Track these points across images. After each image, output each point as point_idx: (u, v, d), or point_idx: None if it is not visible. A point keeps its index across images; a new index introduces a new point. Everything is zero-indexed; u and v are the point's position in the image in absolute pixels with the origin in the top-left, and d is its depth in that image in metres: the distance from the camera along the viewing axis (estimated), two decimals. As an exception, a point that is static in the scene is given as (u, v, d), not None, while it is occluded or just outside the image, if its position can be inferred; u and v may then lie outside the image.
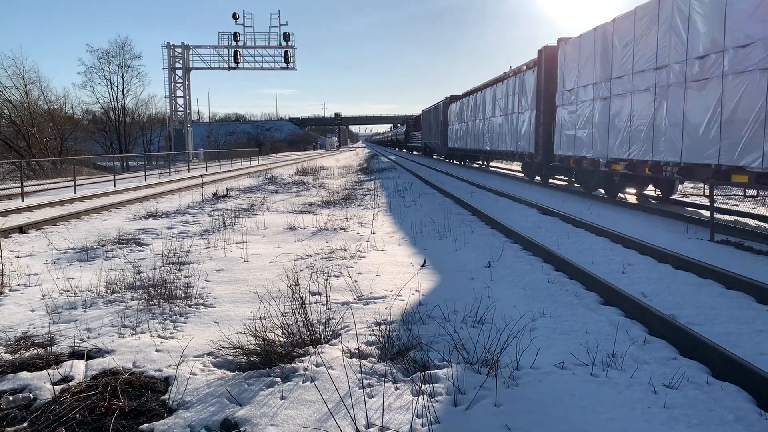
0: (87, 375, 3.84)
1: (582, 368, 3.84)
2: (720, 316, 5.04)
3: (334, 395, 3.44)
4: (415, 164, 37.72)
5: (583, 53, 15.01)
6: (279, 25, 44.93)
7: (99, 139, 58.20)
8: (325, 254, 7.94)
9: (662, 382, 3.60)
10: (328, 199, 15.57)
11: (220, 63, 46.21)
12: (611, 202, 14.15)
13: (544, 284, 6.13)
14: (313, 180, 23.69)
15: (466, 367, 3.83)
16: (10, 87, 46.03)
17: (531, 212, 12.34)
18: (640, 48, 11.98)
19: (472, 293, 5.70)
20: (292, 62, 46.07)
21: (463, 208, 13.06)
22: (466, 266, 7.05)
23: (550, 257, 7.22)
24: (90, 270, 7.04)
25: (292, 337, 4.31)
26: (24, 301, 5.65)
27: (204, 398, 3.49)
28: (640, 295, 5.54)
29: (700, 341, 4.01)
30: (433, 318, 4.94)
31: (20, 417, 3.29)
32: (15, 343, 4.44)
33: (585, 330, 4.61)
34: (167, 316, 5.14)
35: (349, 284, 6.12)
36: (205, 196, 16.57)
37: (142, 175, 27.53)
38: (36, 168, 36.01)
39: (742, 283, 5.78)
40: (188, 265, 7.22)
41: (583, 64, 14.97)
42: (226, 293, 5.92)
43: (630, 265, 7.06)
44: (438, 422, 3.14)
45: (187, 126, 47.53)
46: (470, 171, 29.42)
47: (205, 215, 12.52)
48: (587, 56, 14.70)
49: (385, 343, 4.26)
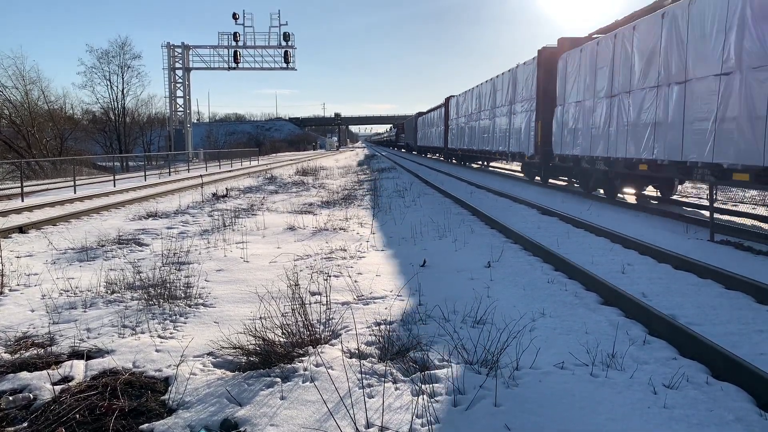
0: (87, 375, 3.84)
1: (582, 368, 3.85)
2: (720, 316, 5.04)
3: (334, 395, 3.44)
4: (415, 164, 37.73)
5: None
6: (279, 25, 44.95)
7: (99, 139, 58.18)
8: (324, 254, 7.94)
9: (662, 382, 3.60)
10: (327, 199, 15.57)
11: (220, 63, 46.22)
12: (611, 203, 14.14)
13: (544, 284, 6.14)
14: (313, 180, 23.69)
15: (466, 367, 3.83)
16: (10, 87, 46.07)
17: (531, 212, 12.34)
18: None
19: (471, 293, 5.70)
20: (292, 62, 46.08)
21: (463, 208, 13.06)
22: (466, 266, 7.05)
23: (549, 257, 7.22)
24: (90, 270, 7.04)
25: (292, 337, 4.31)
26: (24, 301, 5.65)
27: (204, 398, 3.49)
28: (640, 295, 5.54)
29: (700, 341, 4.01)
30: (433, 318, 4.94)
31: (20, 417, 3.29)
32: (15, 343, 4.44)
33: (585, 330, 4.61)
34: (167, 316, 5.14)
35: (349, 284, 6.12)
36: (204, 196, 16.57)
37: (142, 175, 27.53)
38: (36, 168, 36.00)
39: (742, 283, 5.78)
40: (188, 265, 7.22)
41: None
42: (226, 293, 5.92)
43: (630, 265, 7.06)
44: (438, 422, 3.14)
45: (187, 126, 47.52)
46: (469, 172, 29.42)
47: (204, 215, 12.52)
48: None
49: (385, 343, 4.26)
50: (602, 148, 13.98)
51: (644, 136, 11.92)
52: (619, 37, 13.20)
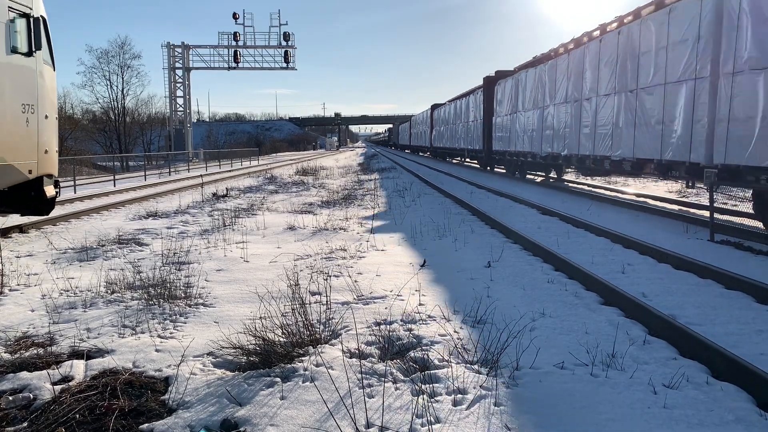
0: (87, 375, 3.84)
1: (582, 368, 3.85)
2: (720, 316, 5.04)
3: (334, 395, 3.44)
4: (415, 164, 37.75)
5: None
6: (279, 25, 44.96)
7: (99, 139, 58.20)
8: (325, 254, 7.94)
9: (662, 382, 3.60)
10: (327, 199, 15.57)
11: (220, 63, 46.24)
12: (610, 203, 14.22)
13: (544, 284, 6.14)
14: (313, 180, 23.69)
15: (466, 367, 3.83)
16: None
17: (532, 212, 12.35)
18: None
19: (472, 293, 5.70)
20: (292, 62, 46.09)
21: (463, 208, 13.06)
22: (466, 266, 7.05)
23: (549, 257, 7.22)
24: (90, 270, 7.04)
25: (292, 337, 4.31)
26: (24, 301, 5.65)
27: (204, 398, 3.49)
28: (640, 295, 5.54)
29: (700, 341, 4.01)
30: (433, 318, 4.94)
31: (20, 417, 3.29)
32: (15, 343, 4.44)
33: (585, 330, 4.61)
34: (167, 316, 5.14)
35: (349, 284, 6.12)
36: (205, 196, 16.57)
37: (142, 175, 27.53)
38: (36, 168, 35.86)
39: (742, 283, 5.77)
40: (188, 265, 7.22)
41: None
42: (226, 293, 5.92)
43: (630, 265, 7.06)
44: (438, 422, 3.14)
45: (187, 126, 47.53)
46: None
47: (205, 215, 12.52)
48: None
49: (385, 343, 4.26)
50: (512, 146, 23.07)
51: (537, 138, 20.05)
52: (522, 76, 21.99)
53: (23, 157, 8.17)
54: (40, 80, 8.45)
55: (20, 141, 8.04)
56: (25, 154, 8.19)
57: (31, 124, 8.26)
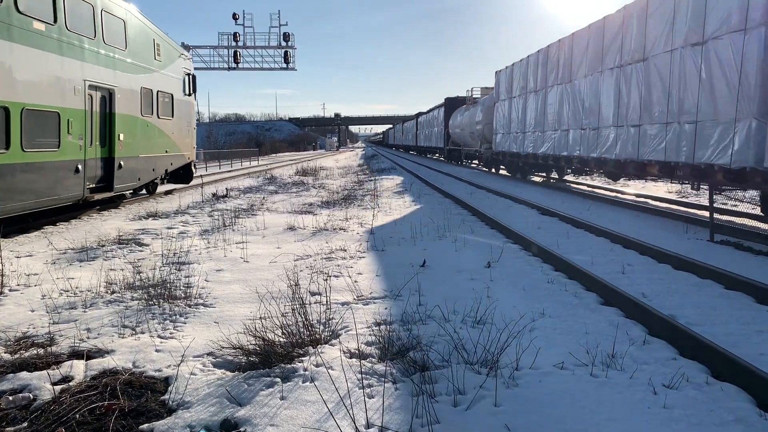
0: (87, 375, 3.84)
1: (582, 368, 3.85)
2: (720, 316, 5.05)
3: (333, 395, 3.44)
4: (415, 164, 37.80)
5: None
6: (279, 26, 44.88)
7: (99, 139, 58.06)
8: (324, 254, 7.94)
9: (662, 383, 3.60)
10: (327, 199, 15.57)
11: (220, 63, 46.16)
12: (610, 203, 14.21)
13: (544, 284, 6.14)
14: (313, 180, 23.69)
15: (466, 367, 3.83)
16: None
17: (531, 212, 12.35)
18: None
19: (471, 293, 5.70)
20: (292, 62, 46.01)
21: (463, 208, 13.06)
22: (466, 266, 7.05)
23: (549, 257, 7.22)
24: (90, 270, 7.04)
25: (291, 338, 4.31)
26: (24, 301, 5.64)
27: (204, 398, 3.49)
28: (639, 296, 5.54)
29: (700, 342, 4.01)
30: (433, 318, 4.94)
31: (20, 417, 3.29)
32: (15, 343, 4.44)
33: (585, 330, 4.61)
34: (167, 316, 5.14)
35: (348, 284, 6.12)
36: (204, 196, 16.56)
37: (142, 175, 27.46)
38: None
39: (742, 283, 5.78)
40: (188, 265, 7.22)
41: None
42: (225, 293, 5.92)
43: (630, 265, 7.06)
44: (438, 422, 3.14)
45: (187, 126, 47.51)
46: (467, 172, 29.51)
47: (204, 215, 12.52)
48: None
49: (385, 343, 4.26)
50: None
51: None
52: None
53: (188, 152, 17.10)
54: (192, 109, 17.56)
55: (189, 143, 17.08)
56: (189, 150, 17.16)
57: (191, 133, 17.36)
